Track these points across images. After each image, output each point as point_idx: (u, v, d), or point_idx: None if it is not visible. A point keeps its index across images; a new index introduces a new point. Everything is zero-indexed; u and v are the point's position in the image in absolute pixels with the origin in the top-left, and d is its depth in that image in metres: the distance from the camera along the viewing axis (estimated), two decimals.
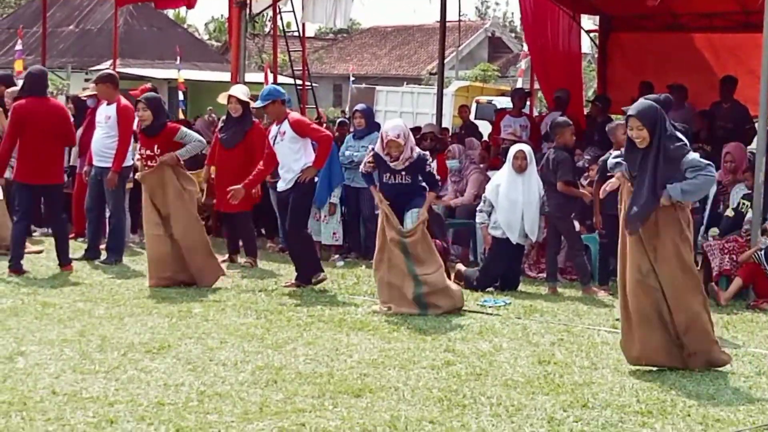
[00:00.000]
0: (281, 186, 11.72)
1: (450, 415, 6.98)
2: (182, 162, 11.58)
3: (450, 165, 14.40)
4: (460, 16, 22.00)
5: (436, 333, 9.51)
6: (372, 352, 8.67)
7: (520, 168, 12.02)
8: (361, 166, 11.17)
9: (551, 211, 12.02)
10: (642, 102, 8.49)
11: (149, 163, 11.47)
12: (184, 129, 11.76)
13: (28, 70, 12.79)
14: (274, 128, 11.71)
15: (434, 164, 11.66)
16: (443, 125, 20.95)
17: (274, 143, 11.61)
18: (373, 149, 10.78)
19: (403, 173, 10.60)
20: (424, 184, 10.78)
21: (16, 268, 11.77)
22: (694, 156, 8.15)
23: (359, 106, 14.37)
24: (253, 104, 12.51)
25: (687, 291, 8.24)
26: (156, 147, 11.41)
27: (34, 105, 11.89)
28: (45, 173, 11.95)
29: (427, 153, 11.17)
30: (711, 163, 8.25)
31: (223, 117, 13.72)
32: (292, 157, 11.51)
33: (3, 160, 12.02)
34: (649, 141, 8.08)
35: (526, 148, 12.35)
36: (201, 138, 11.83)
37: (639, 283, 8.26)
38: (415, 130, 16.16)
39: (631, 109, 8.19)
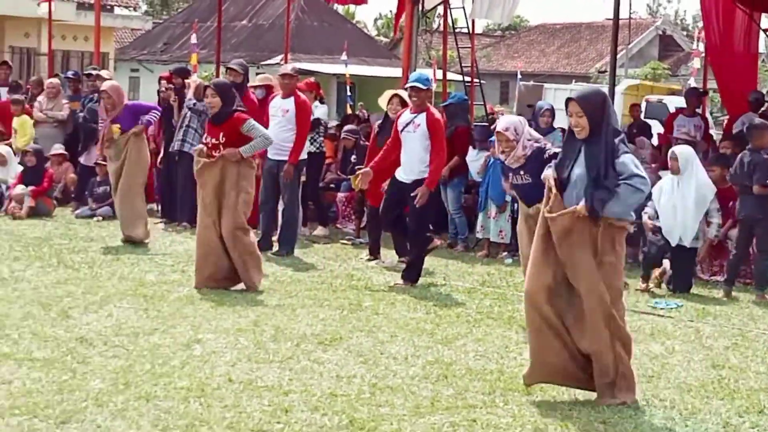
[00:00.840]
0: (401, 176, 11.53)
1: (623, 416, 6.92)
2: (247, 158, 10.83)
3: None
4: (630, 13, 21.72)
5: None
6: None
7: (672, 169, 12.01)
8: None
9: (747, 213, 11.71)
10: (588, 87, 7.84)
11: (214, 152, 10.72)
12: (251, 121, 10.91)
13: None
14: (407, 115, 11.54)
15: None
16: None
17: (402, 129, 11.49)
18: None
19: (521, 172, 9.45)
20: None
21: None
22: (625, 158, 7.06)
23: (546, 104, 14.32)
24: (413, 81, 11.57)
25: (593, 320, 7.12)
26: (221, 135, 10.70)
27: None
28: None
29: (545, 144, 9.79)
30: (641, 173, 7.06)
31: (379, 122, 13.63)
32: (418, 153, 11.36)
33: None
34: (589, 131, 7.12)
35: (680, 150, 12.12)
36: (268, 134, 11.24)
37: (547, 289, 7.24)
38: None
39: (574, 93, 7.31)
